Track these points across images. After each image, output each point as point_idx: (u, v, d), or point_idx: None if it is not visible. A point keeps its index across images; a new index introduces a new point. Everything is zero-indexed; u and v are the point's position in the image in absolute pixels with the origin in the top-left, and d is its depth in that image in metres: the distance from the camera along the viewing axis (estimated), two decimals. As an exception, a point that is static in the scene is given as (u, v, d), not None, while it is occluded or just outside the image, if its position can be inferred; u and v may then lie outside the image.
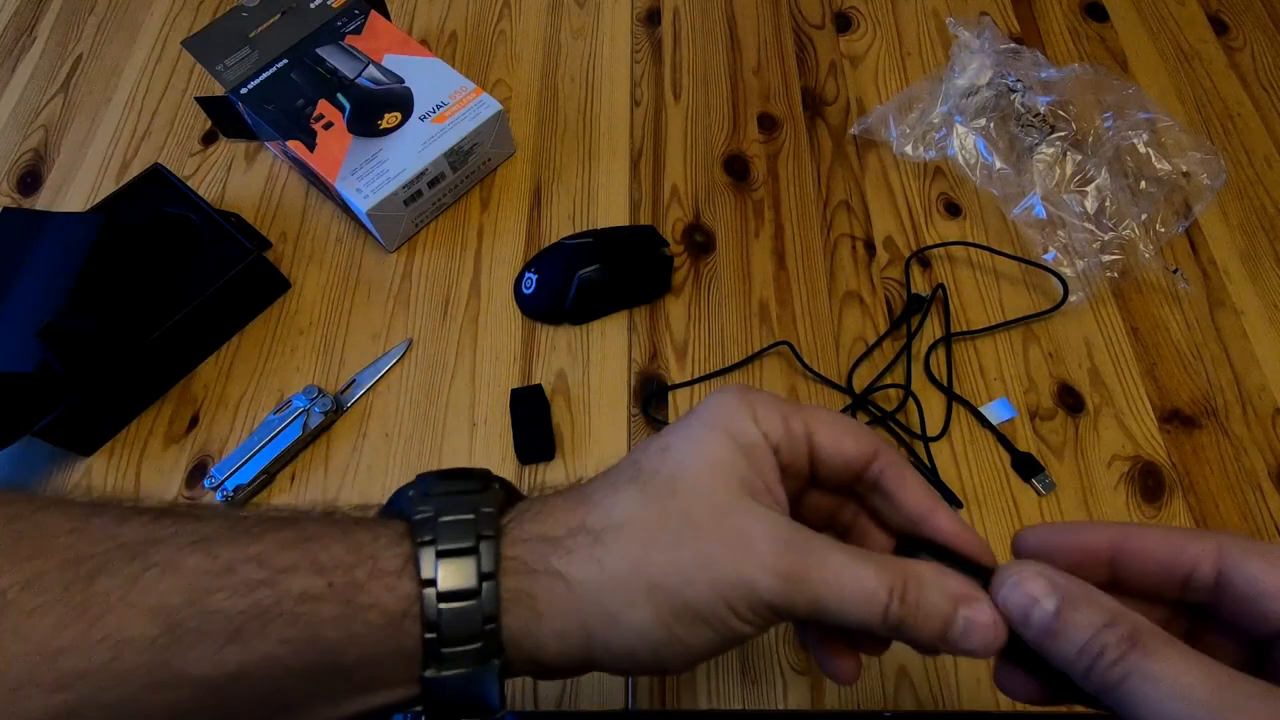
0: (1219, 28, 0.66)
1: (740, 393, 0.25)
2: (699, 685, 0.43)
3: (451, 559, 0.22)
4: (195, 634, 0.20)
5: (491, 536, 0.23)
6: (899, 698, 0.42)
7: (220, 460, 0.49)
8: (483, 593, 0.22)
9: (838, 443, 0.25)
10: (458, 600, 0.22)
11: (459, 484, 0.24)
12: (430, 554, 0.22)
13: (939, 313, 0.53)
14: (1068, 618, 0.20)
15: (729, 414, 0.24)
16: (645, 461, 0.24)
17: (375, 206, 0.53)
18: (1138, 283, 0.54)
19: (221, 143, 0.63)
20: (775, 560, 0.22)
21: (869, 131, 0.61)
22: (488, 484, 0.25)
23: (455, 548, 0.22)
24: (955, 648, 0.22)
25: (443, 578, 0.22)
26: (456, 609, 0.22)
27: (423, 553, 0.22)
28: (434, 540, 0.22)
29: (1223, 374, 0.51)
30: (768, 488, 0.24)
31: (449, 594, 0.22)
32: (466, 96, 0.57)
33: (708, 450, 0.23)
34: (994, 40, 0.60)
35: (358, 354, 0.53)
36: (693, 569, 0.22)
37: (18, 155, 0.63)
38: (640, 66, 0.66)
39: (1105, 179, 0.55)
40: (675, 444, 0.24)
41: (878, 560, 0.22)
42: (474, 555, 0.22)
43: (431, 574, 0.22)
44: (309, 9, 0.60)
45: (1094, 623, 0.20)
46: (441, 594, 0.22)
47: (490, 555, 0.22)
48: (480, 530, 0.23)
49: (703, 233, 0.57)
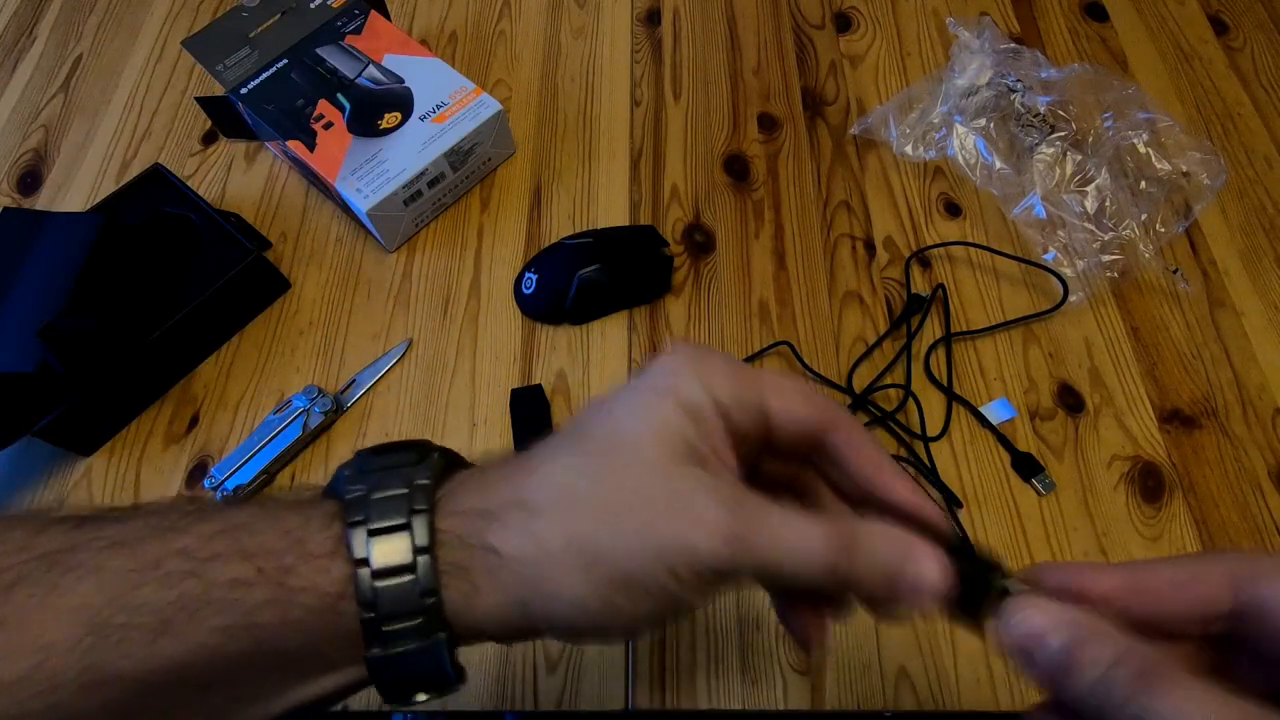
0: (1219, 28, 0.66)
1: (691, 355, 0.24)
2: (699, 685, 0.43)
3: (384, 536, 0.22)
4: (122, 630, 0.20)
5: (425, 510, 0.22)
6: (899, 698, 0.42)
7: (220, 460, 0.49)
8: (418, 567, 0.21)
9: (791, 409, 0.24)
10: (393, 576, 0.21)
11: (395, 457, 0.24)
12: (361, 533, 0.22)
13: (939, 313, 0.53)
14: (1076, 655, 0.19)
15: (677, 377, 0.23)
16: (588, 425, 0.23)
17: (375, 206, 0.53)
18: (1138, 283, 0.54)
19: (221, 143, 0.63)
20: (718, 524, 0.21)
21: (869, 131, 0.61)
22: (425, 454, 0.24)
23: (387, 525, 0.22)
24: (906, 598, 0.22)
25: (376, 556, 0.21)
26: (392, 585, 0.21)
27: (353, 533, 0.22)
28: (365, 520, 0.22)
29: (1223, 374, 0.51)
30: (715, 453, 0.23)
31: (383, 571, 0.21)
32: (466, 96, 0.57)
33: (652, 415, 0.23)
34: (994, 40, 0.60)
35: (358, 354, 0.53)
36: (633, 540, 0.21)
37: (18, 155, 0.63)
38: (640, 66, 0.66)
39: (1105, 179, 0.55)
40: (619, 408, 0.23)
41: (824, 518, 0.22)
42: (407, 531, 0.22)
43: (364, 553, 0.21)
44: (309, 9, 0.60)
45: (1104, 659, 0.19)
46: (376, 571, 0.21)
47: (424, 529, 0.22)
48: (413, 505, 0.22)
49: (703, 233, 0.57)
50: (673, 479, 0.22)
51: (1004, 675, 0.43)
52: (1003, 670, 0.43)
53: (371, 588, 0.21)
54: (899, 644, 0.43)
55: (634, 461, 0.22)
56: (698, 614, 0.45)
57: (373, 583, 0.21)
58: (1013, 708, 0.42)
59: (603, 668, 0.43)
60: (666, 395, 0.23)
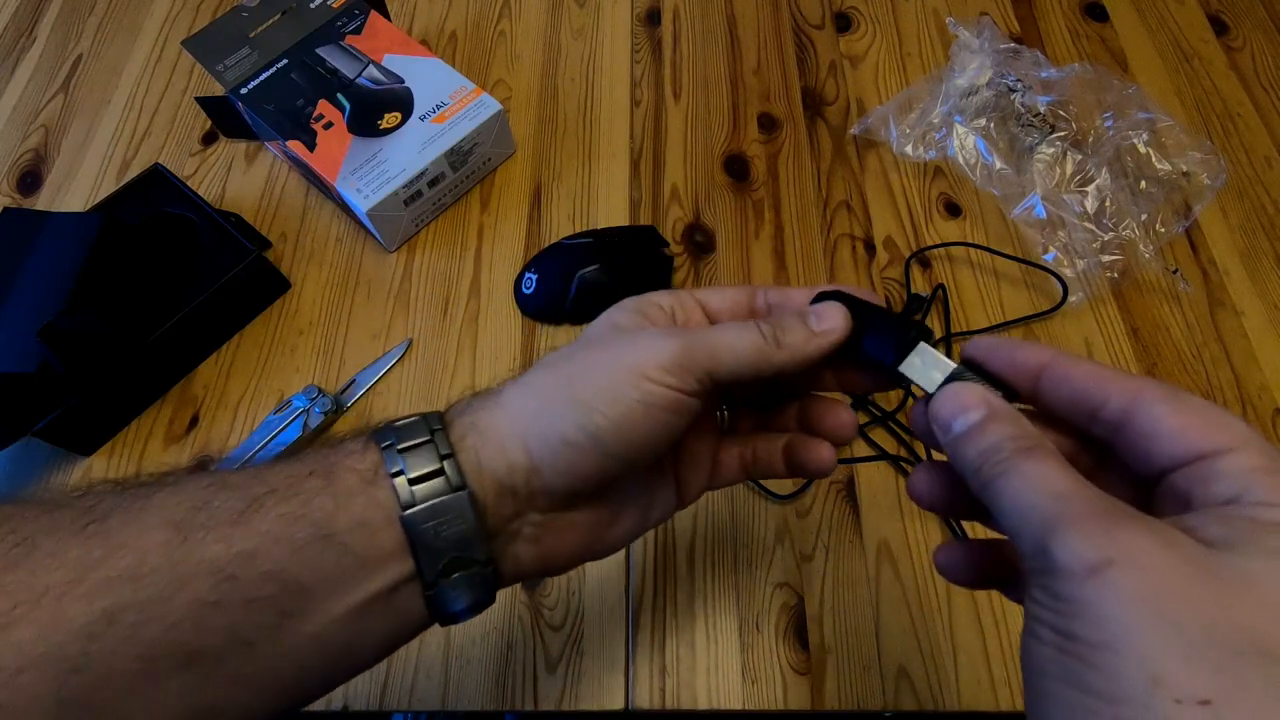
0: (1219, 28, 0.66)
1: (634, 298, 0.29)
2: (699, 685, 0.43)
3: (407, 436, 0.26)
4: (203, 527, 0.23)
5: (440, 421, 0.26)
6: (899, 698, 0.42)
7: (220, 460, 0.49)
8: (435, 438, 0.26)
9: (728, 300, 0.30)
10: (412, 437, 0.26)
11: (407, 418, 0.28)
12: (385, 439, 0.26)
13: (939, 313, 0.53)
14: (984, 426, 0.23)
15: (624, 303, 0.29)
16: (561, 349, 0.28)
17: (375, 206, 0.53)
18: (1138, 283, 0.54)
19: (221, 143, 0.63)
20: (668, 339, 0.26)
21: (869, 131, 0.61)
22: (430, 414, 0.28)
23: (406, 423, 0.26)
24: (817, 339, 0.27)
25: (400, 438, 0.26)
26: (414, 444, 0.25)
27: (377, 433, 0.26)
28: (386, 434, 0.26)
29: (1223, 374, 0.51)
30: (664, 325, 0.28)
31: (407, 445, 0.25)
32: (466, 96, 0.57)
33: (608, 318, 0.28)
34: (994, 40, 0.60)
35: (358, 354, 0.53)
36: (606, 366, 0.25)
37: (18, 155, 0.63)
38: (640, 66, 0.66)
39: (1105, 179, 0.55)
40: (585, 334, 0.28)
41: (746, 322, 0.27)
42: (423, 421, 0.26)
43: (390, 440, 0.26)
44: (309, 9, 0.60)
45: (1004, 433, 0.22)
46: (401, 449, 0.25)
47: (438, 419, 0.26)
48: (431, 425, 0.26)
49: (703, 233, 0.57)
50: (628, 332, 0.27)
51: (1004, 675, 0.43)
52: (1003, 670, 0.43)
53: (396, 452, 0.25)
54: (899, 644, 0.43)
55: (596, 336, 0.28)
56: (698, 614, 0.45)
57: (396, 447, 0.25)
58: (1013, 708, 0.42)
59: (603, 668, 0.43)
60: (617, 310, 0.28)
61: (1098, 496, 0.20)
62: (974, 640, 0.43)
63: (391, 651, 0.27)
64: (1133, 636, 0.17)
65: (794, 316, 0.27)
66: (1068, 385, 0.24)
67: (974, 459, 0.22)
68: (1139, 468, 0.22)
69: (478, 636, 0.44)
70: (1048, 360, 0.24)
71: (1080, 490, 0.20)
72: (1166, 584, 0.17)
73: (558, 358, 0.27)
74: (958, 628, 0.44)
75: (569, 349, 0.27)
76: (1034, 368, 0.25)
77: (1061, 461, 0.21)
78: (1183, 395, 0.22)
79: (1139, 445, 0.22)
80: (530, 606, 0.45)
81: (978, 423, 0.23)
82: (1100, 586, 0.18)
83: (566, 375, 0.26)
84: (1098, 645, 0.17)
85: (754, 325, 0.26)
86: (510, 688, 0.43)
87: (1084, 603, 0.18)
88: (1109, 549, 0.18)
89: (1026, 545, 0.20)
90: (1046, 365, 0.24)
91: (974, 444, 0.23)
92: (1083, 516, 0.19)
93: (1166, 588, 0.17)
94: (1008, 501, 0.21)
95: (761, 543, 0.46)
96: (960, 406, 0.24)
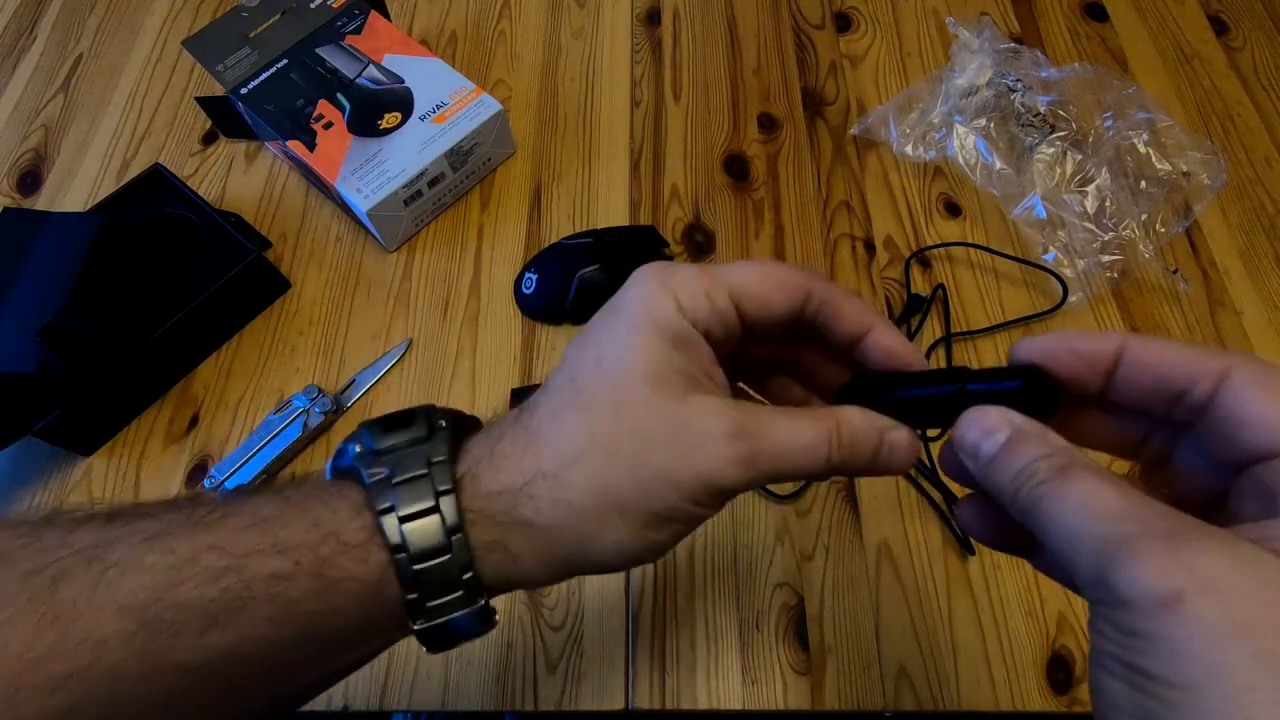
0: (1219, 28, 0.66)
1: (659, 278, 0.24)
2: (699, 685, 0.43)
3: (416, 521, 0.22)
4: (172, 626, 0.21)
5: (450, 490, 0.23)
6: (899, 698, 0.42)
7: (220, 460, 0.49)
8: (454, 548, 0.23)
9: (766, 303, 0.24)
10: (431, 559, 0.22)
11: (405, 434, 0.24)
12: (393, 520, 0.22)
13: (939, 313, 0.53)
14: (1012, 448, 0.21)
15: (652, 306, 0.24)
16: (583, 380, 0.24)
17: (375, 206, 0.53)
18: (1138, 283, 0.54)
19: (221, 143, 0.63)
20: (729, 453, 0.22)
21: (869, 131, 0.61)
22: (433, 426, 0.25)
23: (417, 509, 0.23)
24: (885, 469, 0.24)
25: (412, 541, 0.22)
26: (432, 567, 0.22)
27: (385, 521, 0.23)
28: (393, 507, 0.23)
29: (1223, 374, 0.51)
30: (706, 374, 0.24)
31: (421, 554, 0.22)
32: (466, 96, 0.57)
33: (640, 355, 0.23)
34: (994, 40, 0.60)
35: (358, 354, 0.53)
36: (654, 483, 0.22)
37: (18, 155, 0.63)
38: (640, 66, 0.66)
39: (1105, 179, 0.55)
40: (607, 354, 0.24)
41: (813, 417, 0.24)
42: (437, 514, 0.23)
43: (399, 540, 0.22)
44: (309, 9, 0.60)
45: (1033, 452, 0.21)
46: (414, 555, 0.22)
47: (453, 510, 0.23)
48: (437, 486, 0.23)
49: (703, 233, 0.57)
50: (679, 416, 0.23)
51: (1004, 675, 0.43)
52: (1003, 670, 0.43)
53: (412, 572, 0.22)
54: (899, 644, 0.43)
55: (639, 409, 0.23)
56: (698, 614, 0.45)
57: (413, 568, 0.22)
58: (1013, 708, 0.42)
59: (603, 668, 0.43)
60: (647, 330, 0.23)
61: (1156, 513, 0.18)
62: (974, 640, 0.43)
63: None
64: (1218, 676, 0.15)
65: (864, 426, 0.24)
66: (1149, 372, 0.21)
67: (1008, 486, 0.21)
68: (1222, 455, 0.20)
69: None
70: (1118, 346, 0.22)
71: (1135, 508, 0.18)
72: (1251, 614, 0.16)
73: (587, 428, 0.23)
74: (958, 628, 0.44)
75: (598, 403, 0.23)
76: (1102, 358, 0.22)
77: (1104, 475, 0.19)
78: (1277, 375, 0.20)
79: (1224, 431, 0.20)
80: (530, 606, 0.45)
81: (1004, 444, 0.21)
82: (1176, 621, 0.16)
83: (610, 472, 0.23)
84: (1178, 686, 0.16)
85: (825, 436, 0.23)
86: (510, 688, 0.43)
87: (1158, 639, 0.16)
88: (1180, 577, 0.16)
89: (1085, 576, 0.18)
90: (1120, 352, 0.22)
91: (1005, 469, 0.21)
92: (1144, 540, 0.17)
93: (1251, 619, 0.16)
94: (1055, 529, 0.19)
95: (761, 543, 0.46)
96: (982, 431, 0.22)
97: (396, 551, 0.22)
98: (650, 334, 0.23)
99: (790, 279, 0.25)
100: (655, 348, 0.23)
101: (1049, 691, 0.42)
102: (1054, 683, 0.42)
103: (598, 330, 0.25)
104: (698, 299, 0.24)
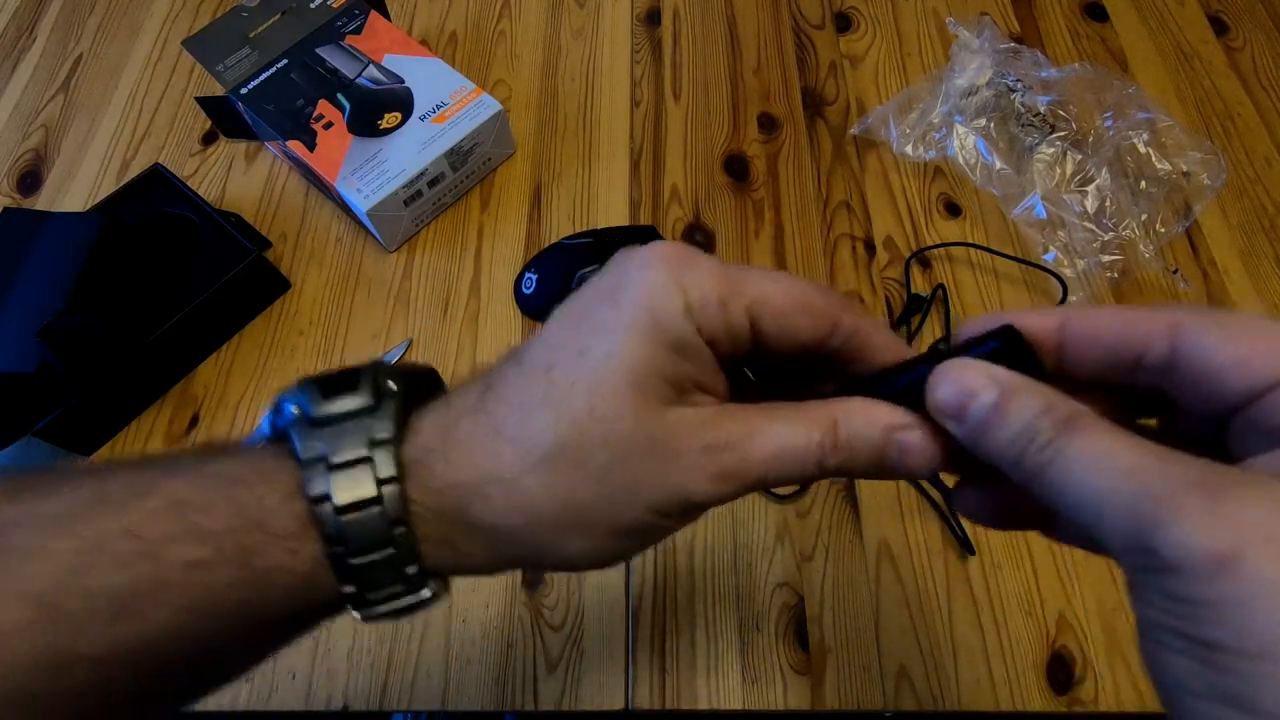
0: (1219, 28, 0.66)
1: (672, 270, 0.21)
2: (699, 685, 0.43)
3: (354, 513, 0.21)
4: (77, 616, 0.19)
5: (394, 479, 0.21)
6: (899, 698, 0.42)
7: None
8: (396, 541, 0.21)
9: (788, 327, 0.22)
10: (370, 553, 0.21)
11: (348, 400, 0.22)
12: (328, 510, 0.21)
13: (939, 313, 0.53)
14: (1004, 407, 0.19)
15: (656, 303, 0.21)
16: (559, 371, 0.21)
17: (375, 206, 0.53)
18: (1138, 283, 0.54)
19: (221, 143, 0.63)
20: (708, 465, 0.21)
21: (869, 131, 0.61)
22: (380, 391, 0.22)
23: (356, 500, 0.21)
24: (896, 472, 0.22)
25: (349, 535, 0.21)
26: (371, 561, 0.21)
27: (319, 510, 0.21)
28: (329, 495, 0.21)
29: (1223, 374, 0.51)
30: (698, 384, 0.22)
31: (359, 549, 0.21)
32: (466, 96, 0.57)
33: (630, 356, 0.20)
34: (994, 40, 0.60)
35: (358, 354, 0.53)
36: (622, 497, 0.21)
37: (18, 155, 0.63)
38: (640, 66, 0.66)
39: (1105, 179, 0.55)
40: (593, 346, 0.21)
41: (804, 414, 0.22)
42: (379, 505, 0.21)
43: (335, 532, 0.21)
44: (309, 9, 0.60)
45: (1031, 408, 0.19)
46: (351, 550, 0.21)
47: (397, 502, 0.21)
48: (380, 474, 0.21)
49: (703, 233, 0.57)
50: (653, 425, 0.21)
51: (1004, 675, 0.43)
52: (1002, 670, 0.43)
53: (349, 566, 0.21)
54: (899, 644, 0.43)
55: (612, 411, 0.21)
56: (698, 614, 0.45)
57: (349, 561, 0.21)
58: (1013, 708, 0.42)
59: (603, 668, 0.43)
60: (645, 330, 0.21)
61: (1182, 463, 0.17)
62: (974, 640, 0.43)
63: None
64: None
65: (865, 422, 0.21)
66: (1097, 343, 0.20)
67: (1008, 452, 0.19)
68: (1203, 410, 0.19)
69: (478, 636, 0.44)
70: (1059, 322, 0.21)
71: (1159, 461, 0.17)
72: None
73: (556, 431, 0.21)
74: (958, 628, 0.44)
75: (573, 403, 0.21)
76: (1046, 334, 0.21)
77: (1113, 427, 0.18)
78: (1228, 319, 0.19)
79: (1196, 388, 0.19)
80: (530, 606, 0.45)
81: (993, 406, 0.19)
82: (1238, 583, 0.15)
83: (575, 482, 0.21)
84: (1256, 655, 0.14)
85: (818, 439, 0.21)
86: (510, 688, 0.43)
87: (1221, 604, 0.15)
88: (1230, 534, 0.15)
89: (1117, 543, 0.17)
90: (1064, 328, 0.21)
91: (1000, 434, 0.19)
92: (1179, 495, 0.16)
93: None
94: (1072, 495, 0.17)
95: (761, 543, 0.46)
96: (960, 390, 0.20)
97: (332, 544, 0.21)
98: (647, 335, 0.21)
99: (821, 304, 0.22)
100: (648, 351, 0.21)
101: (1049, 691, 0.42)
102: (1054, 683, 0.42)
103: (590, 312, 0.22)
104: (710, 305, 0.21)
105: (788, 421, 0.21)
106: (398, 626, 0.44)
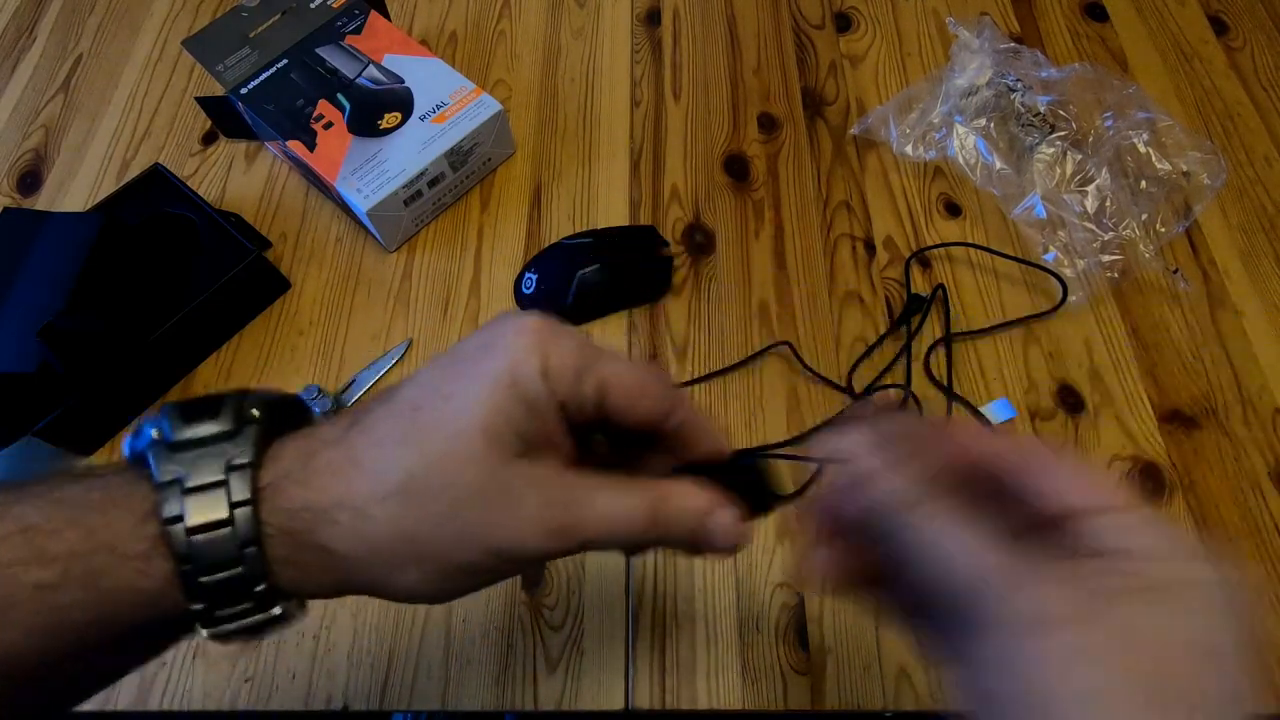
0: (1219, 28, 0.66)
1: (536, 340, 0.24)
2: (699, 685, 0.43)
3: (205, 533, 0.21)
4: None
5: (248, 502, 0.22)
6: (899, 698, 0.42)
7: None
8: (246, 560, 0.22)
9: (630, 406, 0.25)
10: (219, 571, 0.22)
11: (207, 425, 0.23)
12: (180, 531, 0.21)
13: (939, 313, 0.53)
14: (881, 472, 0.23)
15: (518, 362, 0.23)
16: (424, 412, 0.23)
17: (375, 206, 0.53)
18: (1138, 283, 0.54)
19: (221, 143, 0.63)
20: (544, 519, 0.23)
21: (869, 131, 0.61)
22: (242, 418, 0.23)
23: (207, 522, 0.21)
24: (704, 549, 0.25)
25: (198, 554, 0.21)
26: (220, 579, 0.22)
27: (171, 531, 0.21)
28: (181, 517, 0.21)
29: (1223, 374, 0.51)
30: (548, 439, 0.24)
31: (209, 567, 0.21)
32: (466, 96, 0.57)
33: (487, 407, 0.23)
34: (994, 40, 0.60)
35: (358, 354, 0.53)
36: (463, 537, 0.23)
37: (18, 155, 0.63)
38: (640, 66, 0.66)
39: (1105, 179, 0.55)
40: (457, 393, 0.23)
41: (636, 488, 0.24)
42: (230, 526, 0.21)
43: (184, 551, 0.21)
44: (309, 9, 0.60)
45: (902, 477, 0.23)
46: (200, 569, 0.21)
47: (249, 524, 0.22)
48: (233, 497, 0.22)
49: (703, 233, 0.57)
50: (500, 475, 0.23)
51: (1004, 675, 0.43)
52: (1003, 670, 0.43)
53: (198, 584, 0.22)
54: (899, 644, 0.43)
55: (463, 456, 0.22)
56: (698, 614, 0.45)
57: (198, 579, 0.22)
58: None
59: (603, 668, 0.43)
60: (504, 385, 0.23)
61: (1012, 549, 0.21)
62: (974, 640, 0.43)
63: None
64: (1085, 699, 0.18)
65: (681, 499, 0.25)
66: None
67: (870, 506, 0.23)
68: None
69: (478, 636, 0.44)
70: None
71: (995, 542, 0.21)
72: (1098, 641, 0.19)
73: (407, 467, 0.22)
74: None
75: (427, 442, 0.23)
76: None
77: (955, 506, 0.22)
78: None
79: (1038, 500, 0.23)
80: (530, 606, 0.45)
81: (876, 468, 0.23)
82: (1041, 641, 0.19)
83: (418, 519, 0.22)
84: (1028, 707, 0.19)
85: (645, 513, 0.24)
86: (510, 688, 0.43)
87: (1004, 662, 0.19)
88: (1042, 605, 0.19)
89: (958, 587, 0.21)
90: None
91: (872, 489, 0.23)
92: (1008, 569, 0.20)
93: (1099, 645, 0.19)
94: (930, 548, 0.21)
95: (762, 542, 0.46)
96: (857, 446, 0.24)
97: (182, 563, 0.21)
98: (506, 391, 0.23)
99: (660, 392, 0.25)
100: (505, 405, 0.23)
101: (1049, 691, 0.42)
102: (1054, 683, 0.42)
103: (461, 363, 0.24)
104: (567, 373, 0.24)
105: (620, 492, 0.24)
106: (398, 625, 0.44)
